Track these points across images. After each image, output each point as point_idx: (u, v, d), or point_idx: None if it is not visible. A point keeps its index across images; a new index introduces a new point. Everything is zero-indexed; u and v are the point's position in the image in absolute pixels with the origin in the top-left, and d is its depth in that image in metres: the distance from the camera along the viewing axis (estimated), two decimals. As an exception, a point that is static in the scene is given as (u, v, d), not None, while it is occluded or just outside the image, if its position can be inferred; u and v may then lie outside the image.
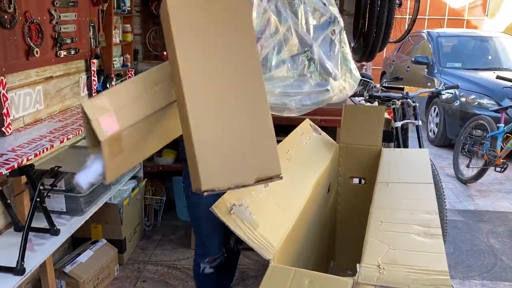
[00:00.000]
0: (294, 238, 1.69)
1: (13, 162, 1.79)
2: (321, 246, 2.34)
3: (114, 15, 3.23)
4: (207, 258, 2.11)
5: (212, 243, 2.11)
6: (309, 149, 2.32)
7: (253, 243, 1.41)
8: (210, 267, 2.13)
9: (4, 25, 2.05)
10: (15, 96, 2.24)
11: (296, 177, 1.97)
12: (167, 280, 2.79)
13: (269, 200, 1.69)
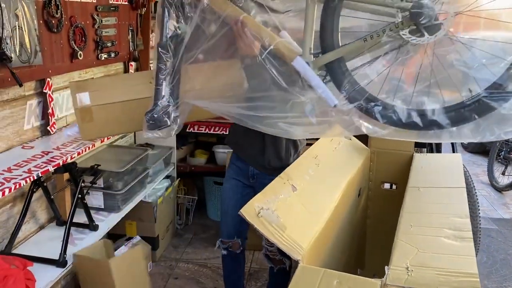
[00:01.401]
0: (324, 241, 1.72)
1: (58, 159, 1.89)
2: (350, 251, 2.36)
3: (151, 19, 3.34)
4: (220, 238, 2.27)
5: (223, 227, 2.26)
6: (339, 154, 2.34)
7: (282, 245, 1.45)
8: (223, 249, 2.27)
9: (52, 30, 2.17)
10: (59, 97, 2.37)
11: (325, 182, 1.99)
12: (198, 278, 2.87)
13: (297, 204, 1.73)
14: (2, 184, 1.61)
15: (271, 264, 2.27)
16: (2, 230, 1.99)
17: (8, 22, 1.83)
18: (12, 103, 2.00)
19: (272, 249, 2.20)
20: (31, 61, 2.00)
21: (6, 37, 1.83)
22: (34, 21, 2.01)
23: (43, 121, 2.23)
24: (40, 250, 2.04)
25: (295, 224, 1.55)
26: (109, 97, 2.04)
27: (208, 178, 3.69)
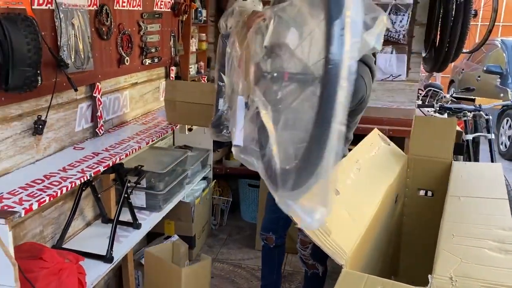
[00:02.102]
0: (364, 247, 1.75)
1: (108, 161, 1.99)
2: (385, 258, 2.37)
3: (192, 25, 3.44)
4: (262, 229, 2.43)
5: (263, 220, 2.43)
6: (378, 159, 2.36)
7: (327, 249, 1.49)
8: (262, 239, 2.42)
9: (102, 37, 2.28)
10: (107, 100, 2.48)
11: (366, 187, 2.02)
12: (233, 278, 2.93)
13: (340, 208, 1.76)
14: (59, 183, 1.72)
15: (305, 268, 2.32)
16: (55, 225, 2.11)
17: (66, 30, 1.95)
18: (66, 106, 2.12)
19: (305, 253, 2.25)
20: (84, 67, 2.11)
21: (64, 44, 1.94)
22: (87, 29, 2.12)
23: (92, 123, 2.34)
24: (87, 246, 2.14)
25: (339, 229, 1.58)
26: (186, 97, 2.67)
27: (242, 180, 3.75)
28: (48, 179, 1.74)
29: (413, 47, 3.59)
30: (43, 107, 1.92)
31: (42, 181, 1.72)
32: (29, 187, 1.65)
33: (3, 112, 1.73)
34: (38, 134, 1.87)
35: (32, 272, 1.64)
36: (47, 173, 1.79)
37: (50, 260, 1.71)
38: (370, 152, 2.36)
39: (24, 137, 1.85)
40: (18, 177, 1.74)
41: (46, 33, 1.84)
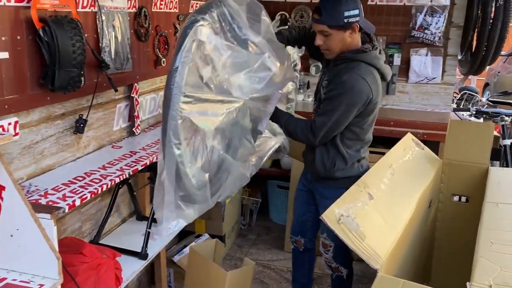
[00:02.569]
0: (398, 252, 1.73)
1: (145, 159, 2.04)
2: (419, 263, 2.34)
3: (225, 27, 3.47)
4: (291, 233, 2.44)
5: (292, 224, 2.43)
6: (412, 163, 2.33)
7: (362, 253, 1.49)
8: (291, 242, 2.43)
9: (140, 38, 2.34)
10: (143, 101, 2.54)
11: (400, 192, 2.00)
12: (262, 279, 2.95)
13: (374, 213, 1.75)
14: (100, 180, 1.77)
15: (330, 271, 2.31)
16: (92, 221, 2.18)
17: (107, 32, 2.01)
18: (105, 106, 2.18)
19: (327, 256, 2.24)
20: (123, 68, 2.17)
21: (105, 46, 2.00)
22: (127, 31, 2.18)
23: (129, 123, 2.40)
24: (122, 242, 2.20)
25: (373, 233, 1.58)
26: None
27: (272, 182, 3.76)
28: (89, 177, 1.80)
29: (449, 50, 3.52)
30: (84, 106, 1.99)
31: (83, 178, 1.78)
32: (71, 184, 1.71)
33: (48, 111, 1.80)
34: (79, 132, 1.94)
35: (73, 266, 1.70)
36: (87, 171, 1.86)
37: (89, 255, 1.77)
38: (403, 156, 2.33)
39: (66, 135, 1.92)
40: (60, 174, 1.81)
41: (89, 35, 1.90)
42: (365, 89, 1.91)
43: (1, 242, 1.47)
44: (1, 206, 1.43)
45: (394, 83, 3.62)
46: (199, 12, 1.51)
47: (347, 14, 1.83)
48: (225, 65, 1.56)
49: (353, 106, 1.92)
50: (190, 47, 1.41)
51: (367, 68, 1.94)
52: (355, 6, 1.85)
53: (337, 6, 1.83)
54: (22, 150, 1.70)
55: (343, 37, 1.89)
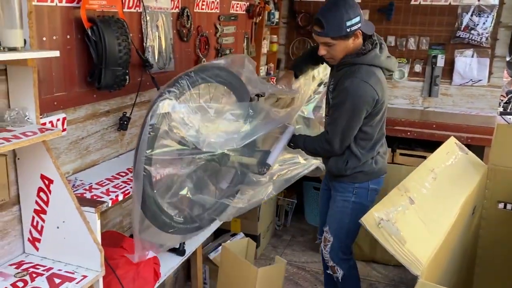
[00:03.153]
0: (440, 258, 1.68)
1: (185, 157, 2.07)
2: (461, 271, 2.26)
3: (264, 27, 3.48)
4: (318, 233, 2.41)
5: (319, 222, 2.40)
6: (456, 168, 2.26)
7: (402, 258, 1.46)
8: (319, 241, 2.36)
9: (182, 39, 2.38)
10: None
11: (442, 197, 1.94)
12: (297, 281, 2.94)
13: (414, 217, 1.71)
14: (141, 177, 1.81)
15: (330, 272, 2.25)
16: (133, 217, 2.23)
17: (151, 32, 2.05)
18: (148, 104, 2.22)
19: (326, 253, 2.20)
20: (165, 67, 2.21)
21: (149, 45, 2.05)
22: (170, 31, 2.22)
23: (170, 121, 2.45)
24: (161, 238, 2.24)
25: (414, 239, 1.54)
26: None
27: (307, 183, 3.74)
28: (131, 173, 1.85)
29: (497, 51, 3.38)
30: (128, 104, 2.04)
31: (126, 174, 1.83)
32: (114, 179, 1.77)
33: (94, 108, 1.86)
34: (122, 129, 1.99)
35: (114, 259, 1.75)
36: (130, 167, 1.90)
37: (130, 248, 1.82)
38: (446, 161, 2.27)
39: (110, 132, 1.98)
40: (104, 169, 1.87)
41: (134, 34, 1.96)
42: (369, 92, 1.90)
43: (48, 234, 1.54)
44: (49, 199, 1.50)
45: (437, 85, 3.52)
46: (167, 86, 1.69)
47: (349, 23, 1.83)
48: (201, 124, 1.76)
49: (359, 110, 1.93)
50: (155, 119, 1.62)
51: (368, 69, 1.93)
52: (355, 13, 1.85)
53: (338, 17, 1.83)
54: (69, 146, 1.77)
55: (346, 45, 1.91)
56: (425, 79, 3.58)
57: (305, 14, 3.84)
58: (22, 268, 1.50)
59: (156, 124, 1.61)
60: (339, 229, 2.13)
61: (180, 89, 1.68)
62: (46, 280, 1.44)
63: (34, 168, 1.48)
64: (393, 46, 3.61)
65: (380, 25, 3.56)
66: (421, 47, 3.56)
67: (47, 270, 1.49)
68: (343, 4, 1.83)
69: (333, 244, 2.15)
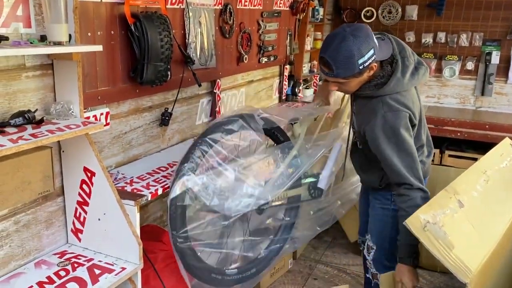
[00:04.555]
0: (491, 266, 1.58)
1: (224, 154, 2.07)
2: (514, 281, 2.12)
3: (308, 24, 3.43)
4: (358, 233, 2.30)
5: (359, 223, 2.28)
6: (510, 171, 2.12)
7: (449, 264, 1.37)
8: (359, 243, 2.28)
9: (225, 35, 2.37)
10: (225, 97, 2.58)
11: (495, 201, 1.82)
12: (337, 283, 2.86)
13: (464, 222, 1.61)
14: (181, 172, 1.82)
15: (369, 276, 2.15)
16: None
17: (193, 28, 2.06)
18: (189, 100, 2.25)
19: (369, 259, 2.09)
20: (207, 64, 2.22)
21: (191, 42, 2.06)
22: (212, 27, 2.23)
23: (211, 117, 2.46)
24: (200, 234, 2.25)
25: (463, 244, 1.45)
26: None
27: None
28: (171, 167, 1.86)
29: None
30: (169, 100, 2.06)
31: (166, 169, 1.84)
32: (155, 173, 1.78)
33: (136, 104, 1.89)
34: (164, 125, 2.01)
35: (153, 252, 1.77)
36: (170, 162, 1.92)
37: (169, 243, 1.83)
38: (500, 163, 2.13)
39: (152, 127, 2.01)
40: (145, 164, 1.89)
41: (176, 31, 1.97)
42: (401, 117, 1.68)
43: (90, 225, 1.58)
44: (92, 191, 1.53)
45: (491, 83, 3.33)
46: (182, 163, 1.71)
47: (361, 61, 1.58)
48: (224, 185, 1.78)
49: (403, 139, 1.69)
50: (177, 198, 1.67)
51: (390, 99, 1.69)
52: (368, 48, 1.58)
53: (349, 58, 1.57)
54: (112, 140, 1.80)
55: (360, 80, 1.68)
56: (478, 77, 3.40)
57: (351, 11, 3.75)
58: (65, 258, 1.55)
59: (180, 202, 1.67)
60: (382, 238, 2.04)
61: (195, 161, 1.72)
62: (86, 271, 1.47)
63: (77, 160, 1.51)
64: (443, 42, 3.45)
65: (430, 21, 3.41)
66: (474, 43, 3.38)
67: (88, 261, 1.53)
68: (353, 40, 1.56)
69: (376, 252, 2.07)
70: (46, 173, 1.49)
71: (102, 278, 1.43)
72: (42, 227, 1.54)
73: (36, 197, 1.48)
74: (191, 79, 2.05)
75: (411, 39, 3.60)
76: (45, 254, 1.56)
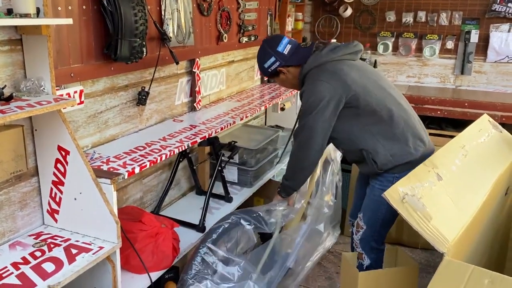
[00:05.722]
0: (468, 238, 1.60)
1: (204, 133, 2.04)
2: (491, 253, 2.16)
3: (289, 4, 3.39)
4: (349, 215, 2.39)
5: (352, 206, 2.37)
6: (488, 146, 2.14)
7: (427, 235, 1.38)
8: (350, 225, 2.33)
9: (203, 13, 2.33)
10: (205, 77, 2.55)
11: (473, 175, 1.84)
12: (321, 262, 2.89)
13: (442, 194, 1.63)
14: (159, 150, 1.80)
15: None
16: (153, 193, 2.23)
17: (170, 5, 2.01)
18: (167, 79, 2.21)
19: (356, 238, 2.11)
20: (185, 42, 2.18)
21: (167, 18, 2.01)
22: (189, 4, 2.18)
23: (191, 98, 2.42)
24: (181, 215, 2.23)
25: (441, 216, 1.46)
26: None
27: (333, 164, 3.66)
28: (149, 147, 1.83)
29: (536, 25, 3.20)
30: (146, 79, 2.02)
31: (144, 148, 1.81)
32: (132, 153, 1.75)
33: (112, 82, 1.85)
34: (141, 104, 1.97)
35: (132, 232, 1.74)
36: (148, 141, 1.89)
37: (149, 223, 1.81)
38: (478, 138, 2.15)
39: (129, 106, 1.97)
40: (123, 143, 1.86)
41: (152, 7, 1.92)
42: (324, 87, 1.81)
43: (66, 205, 1.55)
44: (67, 170, 1.50)
45: (470, 62, 3.36)
46: (184, 272, 1.84)
47: (267, 65, 1.98)
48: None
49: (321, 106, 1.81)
50: None
51: (315, 73, 1.86)
52: (268, 56, 1.97)
53: (258, 63, 2.04)
54: (87, 119, 1.76)
55: (282, 79, 2.03)
56: (458, 56, 3.42)
57: (331, -9, 3.72)
58: (41, 238, 1.51)
59: None
60: (375, 218, 2.04)
61: (197, 268, 1.82)
62: (63, 251, 1.44)
63: (51, 139, 1.48)
64: (423, 22, 3.46)
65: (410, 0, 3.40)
66: (453, 22, 3.39)
67: (64, 241, 1.50)
68: (260, 49, 2.04)
69: (365, 231, 2.08)
70: (18, 152, 1.45)
71: (79, 258, 1.41)
72: (16, 208, 1.50)
73: (8, 177, 1.44)
74: (168, 57, 2.01)
75: (391, 19, 3.59)
76: (20, 236, 1.52)
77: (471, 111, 2.93)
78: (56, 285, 1.28)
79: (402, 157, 1.87)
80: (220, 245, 1.92)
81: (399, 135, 1.89)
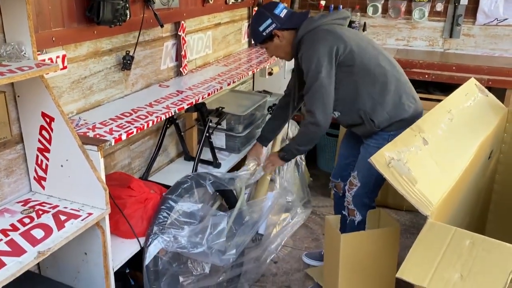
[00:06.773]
0: (451, 201, 1.64)
1: (191, 99, 2.02)
2: (473, 215, 2.22)
3: (277, -36, 3.29)
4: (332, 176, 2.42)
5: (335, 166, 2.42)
6: (473, 110, 2.16)
7: (412, 198, 1.41)
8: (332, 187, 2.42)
9: (188, -27, 2.25)
10: (190, 40, 2.49)
11: (458, 139, 1.87)
12: (307, 224, 2.95)
13: (427, 158, 1.65)
14: (146, 117, 1.78)
15: (345, 212, 2.23)
16: (141, 159, 2.22)
17: (153, -35, 1.94)
18: (152, 43, 2.16)
19: (349, 195, 2.16)
20: (169, 4, 2.11)
21: (151, -21, 1.94)
22: (174, -36, 2.10)
23: (177, 62, 2.38)
24: (170, 180, 2.23)
25: (426, 179, 1.49)
26: None
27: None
28: (136, 113, 1.81)
29: (526, -14, 3.16)
30: (131, 43, 1.97)
31: (130, 114, 1.79)
32: (118, 119, 1.73)
33: (95, 46, 1.80)
34: (126, 69, 1.93)
35: (121, 198, 1.75)
36: (134, 107, 1.87)
37: (137, 189, 1.82)
38: (464, 102, 2.17)
39: (114, 71, 1.93)
40: (108, 109, 1.83)
41: (134, -33, 1.85)
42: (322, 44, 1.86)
43: (53, 172, 1.54)
44: (52, 137, 1.48)
45: (459, 25, 3.33)
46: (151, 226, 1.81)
47: (261, 29, 1.96)
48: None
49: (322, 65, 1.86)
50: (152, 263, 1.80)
51: (311, 36, 1.90)
52: (265, 18, 1.96)
53: (252, 27, 2.02)
54: (71, 85, 1.72)
55: (276, 44, 2.01)
56: (447, 19, 3.39)
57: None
58: (29, 205, 1.51)
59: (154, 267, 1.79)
60: (369, 176, 2.07)
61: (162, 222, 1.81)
62: (52, 217, 1.44)
63: (34, 105, 1.45)
64: (413, -17, 3.39)
65: (400, -40, 3.32)
66: (444, -17, 3.33)
67: (53, 208, 1.50)
68: (255, 14, 2.05)
69: (359, 189, 2.11)
70: (1, 119, 1.42)
71: (68, 224, 1.41)
72: (2, 175, 1.49)
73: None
74: (152, 20, 1.96)
75: (381, -20, 3.51)
76: (8, 203, 1.52)
77: (458, 75, 2.93)
78: (46, 251, 1.29)
79: (397, 114, 1.97)
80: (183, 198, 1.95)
81: (393, 93, 1.97)
